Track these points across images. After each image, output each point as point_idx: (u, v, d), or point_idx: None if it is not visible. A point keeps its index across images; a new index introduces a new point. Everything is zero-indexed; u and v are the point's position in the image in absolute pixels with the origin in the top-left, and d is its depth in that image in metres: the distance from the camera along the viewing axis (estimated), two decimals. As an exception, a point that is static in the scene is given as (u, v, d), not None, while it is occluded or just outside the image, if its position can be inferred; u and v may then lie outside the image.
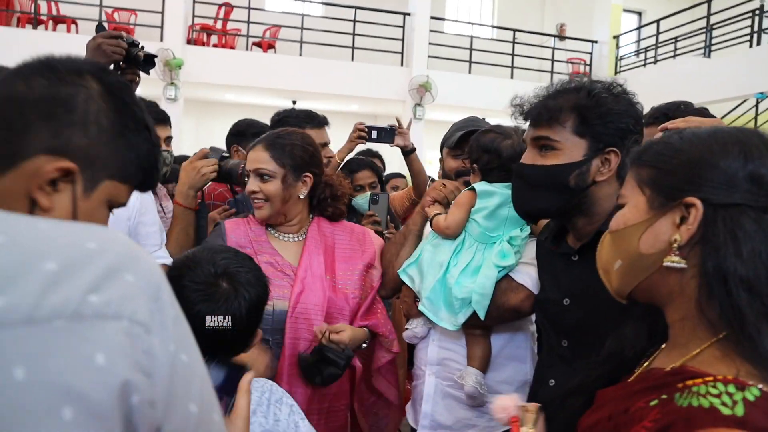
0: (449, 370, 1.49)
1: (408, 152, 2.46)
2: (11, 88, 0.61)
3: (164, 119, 1.97)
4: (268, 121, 2.33)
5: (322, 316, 1.47)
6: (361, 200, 2.26)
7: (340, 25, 9.63)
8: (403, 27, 9.68)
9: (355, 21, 9.52)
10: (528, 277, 1.38)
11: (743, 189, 0.66)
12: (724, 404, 0.57)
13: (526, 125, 1.24)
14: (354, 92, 9.36)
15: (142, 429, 0.39)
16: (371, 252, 1.61)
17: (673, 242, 0.68)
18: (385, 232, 2.07)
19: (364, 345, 1.54)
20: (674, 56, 9.54)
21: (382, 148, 2.97)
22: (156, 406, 0.40)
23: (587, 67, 10.73)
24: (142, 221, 1.57)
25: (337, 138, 2.59)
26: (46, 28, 8.59)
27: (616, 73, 10.30)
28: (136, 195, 1.60)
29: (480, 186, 1.44)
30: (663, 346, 0.76)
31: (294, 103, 10.65)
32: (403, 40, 9.71)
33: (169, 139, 1.97)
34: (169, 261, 1.61)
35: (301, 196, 1.52)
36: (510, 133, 1.47)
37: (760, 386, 0.59)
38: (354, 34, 9.51)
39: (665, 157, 0.73)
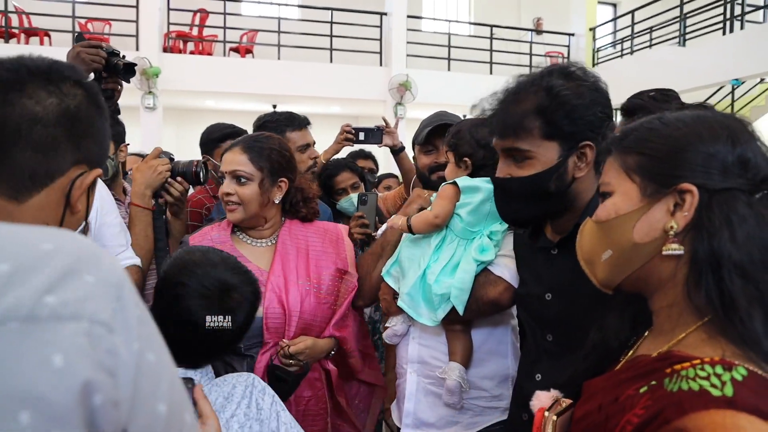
0: (430, 368, 1.48)
1: (397, 151, 2.45)
2: (25, 109, 0.63)
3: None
4: (249, 127, 2.30)
5: (296, 321, 1.45)
6: (346, 203, 2.22)
7: (318, 27, 9.60)
8: (381, 27, 9.67)
9: (332, 23, 9.49)
10: (506, 269, 1.37)
11: (734, 173, 0.66)
12: (713, 386, 0.57)
13: None
14: (334, 94, 9.33)
15: (106, 429, 0.38)
16: (344, 256, 1.59)
17: (670, 229, 0.67)
18: (374, 234, 1.98)
19: (332, 353, 1.53)
20: (650, 46, 9.66)
21: (373, 149, 2.96)
22: (120, 406, 0.39)
23: (565, 60, 10.82)
24: (105, 222, 1.54)
25: (320, 141, 2.58)
26: (18, 42, 8.43)
27: (594, 65, 10.39)
28: (96, 196, 1.57)
29: (463, 181, 1.42)
30: (646, 333, 0.76)
31: (274, 107, 10.59)
32: (381, 39, 9.71)
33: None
34: (137, 261, 1.59)
35: (276, 201, 1.51)
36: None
37: (747, 365, 0.59)
38: (331, 36, 9.49)
39: (651, 143, 0.71)
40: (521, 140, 1.10)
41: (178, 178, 1.75)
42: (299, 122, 2.08)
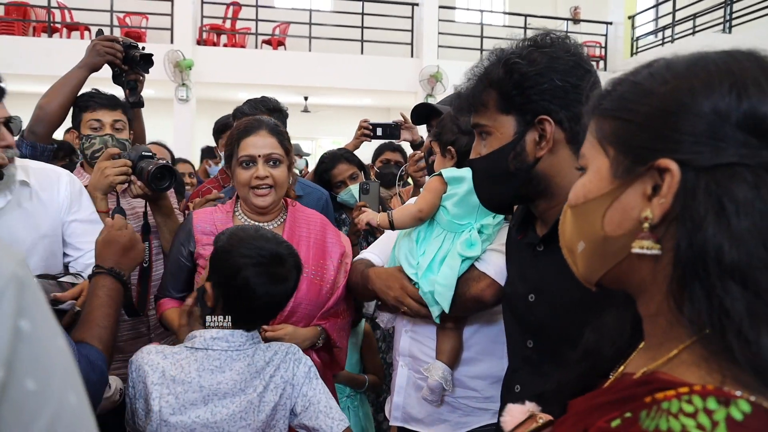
0: (420, 363, 1.43)
1: (417, 146, 2.42)
2: None
3: (111, 104, 1.86)
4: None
5: (303, 310, 1.46)
6: (346, 195, 2.19)
7: (349, 19, 9.59)
8: (412, 18, 9.59)
9: (363, 14, 9.47)
10: (491, 265, 1.31)
11: (736, 141, 0.48)
12: (700, 427, 0.43)
13: None
14: (365, 86, 9.33)
15: None
16: (345, 241, 1.60)
17: (644, 220, 0.51)
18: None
19: (319, 343, 1.50)
20: (693, 33, 9.26)
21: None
22: None
23: (603, 50, 10.51)
24: (77, 218, 1.51)
25: (351, 133, 2.58)
26: (60, 36, 8.74)
27: (632, 54, 10.06)
28: (64, 193, 1.47)
29: (448, 172, 1.36)
30: (642, 344, 0.60)
31: (306, 99, 10.67)
32: (412, 31, 9.63)
33: (116, 122, 1.85)
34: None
35: (290, 182, 1.55)
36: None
37: (753, 398, 0.44)
38: (363, 27, 9.46)
39: (631, 103, 0.55)
40: (480, 115, 1.06)
41: (139, 183, 1.63)
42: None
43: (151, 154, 1.67)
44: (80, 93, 1.89)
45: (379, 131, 2.46)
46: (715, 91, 0.50)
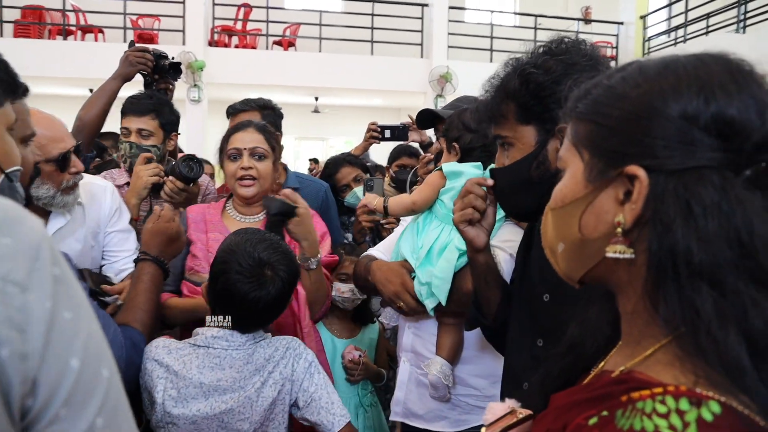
0: (422, 359, 1.45)
1: (426, 146, 2.43)
2: None
3: (138, 111, 1.91)
4: (290, 119, 2.34)
5: None
6: (352, 198, 2.20)
7: (359, 20, 9.62)
8: (422, 18, 9.60)
9: (373, 15, 9.50)
10: None
11: (703, 144, 0.49)
12: (672, 428, 0.44)
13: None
14: (374, 86, 9.35)
15: (15, 380, 0.41)
16: (322, 224, 1.67)
17: (617, 225, 0.52)
18: (382, 221, 1.99)
19: (312, 263, 1.48)
20: (706, 33, 9.18)
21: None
22: (28, 359, 0.41)
23: (614, 50, 10.44)
24: (116, 229, 1.61)
25: (361, 133, 2.59)
26: (75, 39, 8.86)
27: (644, 54, 9.99)
28: (107, 207, 1.57)
29: (447, 166, 1.39)
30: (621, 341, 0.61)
31: (316, 99, 10.72)
32: (422, 31, 9.64)
33: (141, 129, 1.91)
34: None
35: (279, 181, 1.63)
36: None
37: (723, 398, 0.45)
38: (373, 28, 9.49)
39: (604, 107, 0.55)
40: (500, 126, 1.07)
41: (170, 177, 1.78)
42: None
43: (175, 160, 1.84)
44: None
45: (387, 133, 2.48)
46: (683, 95, 0.51)
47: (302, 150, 12.76)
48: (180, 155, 1.81)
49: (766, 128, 0.49)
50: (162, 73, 2.03)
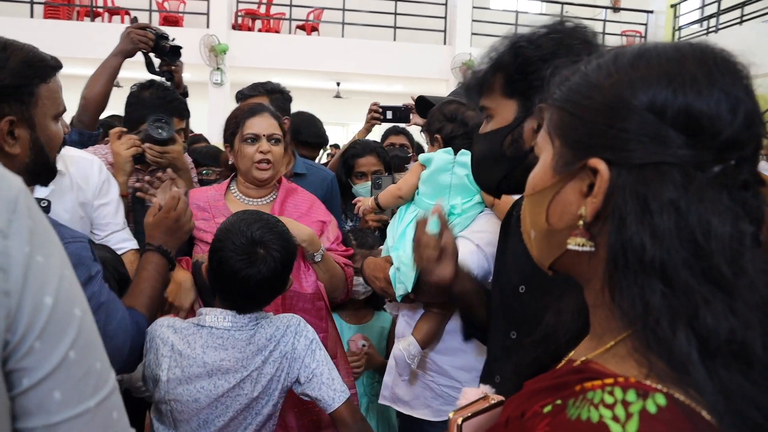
0: None
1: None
2: None
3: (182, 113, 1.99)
4: (312, 104, 2.36)
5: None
6: (362, 189, 2.15)
7: (382, 5, 9.55)
8: (446, 4, 9.50)
9: (396, 0, 9.42)
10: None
11: (668, 140, 0.48)
12: (615, 419, 0.44)
13: None
14: (396, 72, 9.30)
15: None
16: (327, 215, 1.69)
17: (579, 217, 0.52)
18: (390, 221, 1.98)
19: (317, 256, 1.54)
20: (740, 22, 8.90)
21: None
22: (10, 296, 0.47)
23: (642, 40, 10.21)
24: (104, 202, 1.60)
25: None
26: (102, 20, 8.98)
27: (673, 44, 9.73)
28: (96, 180, 1.59)
29: (422, 156, 1.44)
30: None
31: (338, 84, 10.71)
32: (446, 17, 9.54)
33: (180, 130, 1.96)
34: (133, 245, 1.63)
35: (289, 165, 1.67)
36: (472, 106, 1.43)
37: (671, 391, 0.46)
38: (396, 14, 9.42)
39: (577, 95, 0.54)
40: (486, 97, 1.05)
41: (147, 144, 1.75)
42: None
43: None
44: None
45: (389, 114, 2.45)
46: (652, 86, 0.49)
47: (323, 135, 12.78)
48: (150, 119, 1.76)
49: (736, 125, 0.48)
50: (161, 53, 2.02)
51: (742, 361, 0.46)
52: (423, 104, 2.08)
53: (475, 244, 1.33)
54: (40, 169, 1.11)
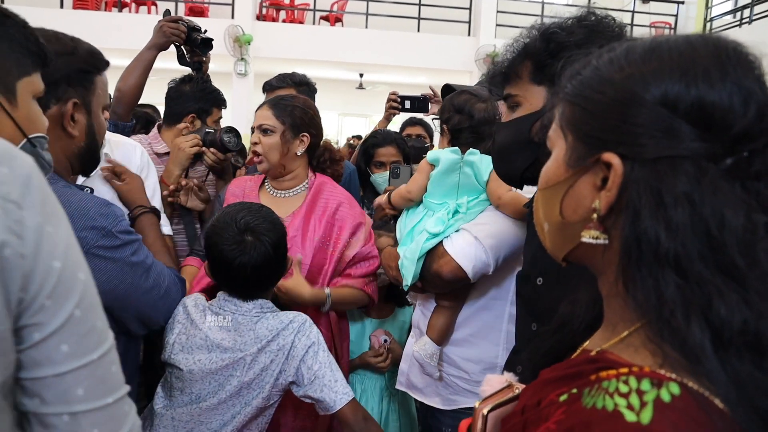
0: (422, 335, 1.50)
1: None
2: None
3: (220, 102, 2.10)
4: (335, 95, 2.38)
5: (304, 272, 1.55)
6: (380, 178, 2.16)
7: (407, -4, 9.50)
8: (471, -5, 9.40)
9: (421, -9, 9.36)
10: (455, 244, 1.32)
11: (681, 133, 0.48)
12: (629, 407, 0.45)
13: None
14: (420, 64, 9.26)
15: (16, 274, 0.53)
16: (359, 214, 1.65)
17: (593, 211, 0.53)
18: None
19: (324, 308, 1.55)
20: (775, 14, 8.62)
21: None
22: (25, 258, 0.54)
23: (672, 32, 9.96)
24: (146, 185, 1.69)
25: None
26: (130, 11, 9.11)
27: (705, 36, 9.47)
28: (137, 162, 1.66)
29: (431, 154, 1.44)
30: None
31: (361, 76, 10.71)
32: (470, 8, 9.45)
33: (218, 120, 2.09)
34: (167, 229, 1.69)
35: (298, 153, 1.63)
36: (485, 97, 1.42)
37: (685, 380, 0.46)
38: (420, 5, 9.36)
39: (589, 90, 0.55)
40: (513, 85, 1.05)
41: (211, 149, 1.86)
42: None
43: (213, 129, 1.90)
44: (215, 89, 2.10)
45: (407, 104, 2.44)
46: (664, 80, 0.50)
47: (345, 126, 12.81)
48: (221, 128, 1.88)
49: (748, 118, 0.48)
50: (193, 45, 2.08)
51: (755, 351, 0.46)
52: (449, 93, 2.08)
53: (474, 236, 1.33)
54: (90, 155, 1.19)
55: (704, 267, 0.47)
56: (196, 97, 1.99)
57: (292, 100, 1.66)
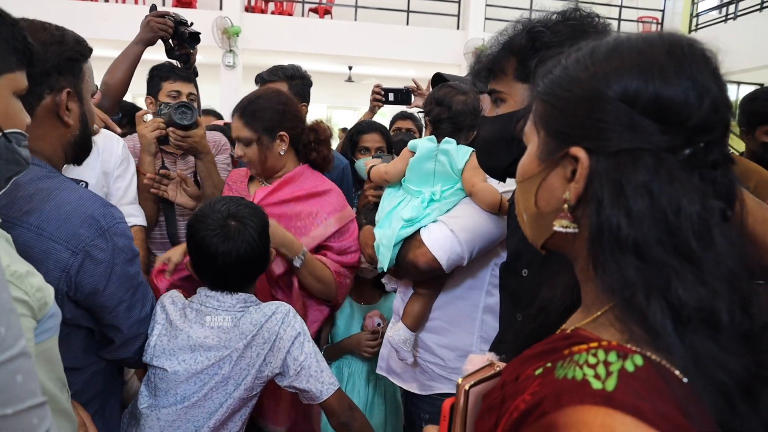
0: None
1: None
2: None
3: (188, 78, 2.09)
4: (323, 88, 2.38)
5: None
6: (361, 162, 2.15)
7: (396, -11, 9.48)
8: (460, -12, 9.40)
9: (410, -17, 9.34)
10: (431, 235, 1.35)
11: (642, 127, 0.52)
12: (596, 376, 0.49)
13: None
14: (409, 57, 9.25)
15: None
16: (335, 200, 1.63)
17: (564, 201, 0.57)
18: None
19: (296, 261, 1.49)
20: (760, 9, 8.69)
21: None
22: None
23: (659, 27, 10.05)
24: (120, 175, 1.71)
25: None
26: (117, 1, 8.99)
27: (690, 31, 9.58)
28: (118, 154, 1.71)
29: (411, 142, 1.49)
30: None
31: (350, 68, 10.68)
32: (459, 1, 9.45)
33: (190, 94, 2.07)
34: (140, 222, 1.73)
35: (281, 153, 1.62)
36: (465, 90, 1.46)
37: (648, 353, 0.50)
38: (409, -3, 9.35)
39: (558, 88, 0.58)
40: (497, 81, 1.06)
41: (170, 129, 1.81)
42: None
43: (167, 110, 1.83)
44: (159, 64, 2.09)
45: (390, 96, 2.47)
46: (624, 78, 0.53)
47: (333, 119, 12.78)
48: (172, 105, 1.82)
49: (703, 111, 0.52)
50: (181, 39, 2.09)
51: (710, 326, 0.50)
52: (439, 82, 2.10)
53: (450, 229, 1.35)
54: (84, 143, 1.18)
55: (662, 251, 0.51)
56: (147, 80, 2.04)
57: (259, 101, 1.61)
